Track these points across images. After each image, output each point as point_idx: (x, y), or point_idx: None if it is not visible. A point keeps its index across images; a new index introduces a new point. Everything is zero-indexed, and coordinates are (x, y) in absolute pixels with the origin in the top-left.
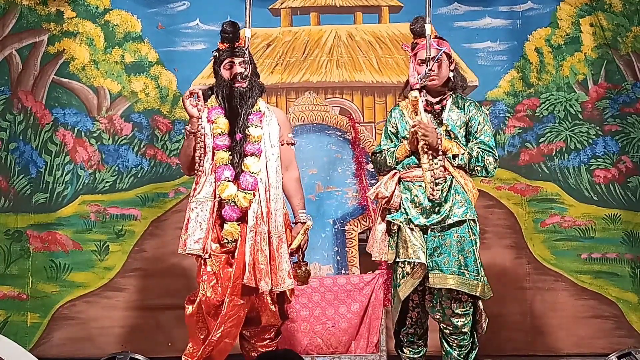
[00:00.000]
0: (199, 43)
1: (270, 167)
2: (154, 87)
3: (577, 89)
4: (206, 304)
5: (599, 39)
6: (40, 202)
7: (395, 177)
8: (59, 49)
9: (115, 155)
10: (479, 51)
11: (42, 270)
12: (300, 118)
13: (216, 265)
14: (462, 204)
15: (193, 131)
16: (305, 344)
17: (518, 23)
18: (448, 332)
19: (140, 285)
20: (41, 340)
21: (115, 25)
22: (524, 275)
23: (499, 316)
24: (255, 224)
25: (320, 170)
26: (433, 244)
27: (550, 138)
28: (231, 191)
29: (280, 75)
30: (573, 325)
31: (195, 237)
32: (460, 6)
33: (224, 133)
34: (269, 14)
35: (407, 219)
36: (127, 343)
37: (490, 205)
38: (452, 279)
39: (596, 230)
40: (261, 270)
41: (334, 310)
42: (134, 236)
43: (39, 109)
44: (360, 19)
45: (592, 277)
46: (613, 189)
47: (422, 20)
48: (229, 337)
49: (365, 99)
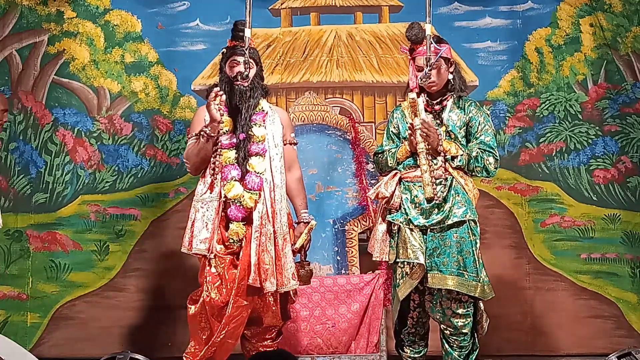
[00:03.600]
0: (199, 43)
1: (274, 167)
2: (154, 87)
3: (577, 89)
4: (210, 305)
5: (598, 39)
6: (40, 202)
7: (396, 178)
8: (59, 49)
9: (115, 155)
10: (479, 51)
11: (42, 270)
12: (300, 118)
13: (221, 267)
14: (462, 204)
15: (213, 135)
16: (305, 344)
17: (518, 23)
18: (448, 332)
19: (140, 285)
20: (41, 340)
21: (115, 25)
22: (524, 275)
23: (499, 316)
24: (260, 224)
25: (320, 170)
26: (432, 244)
27: (550, 138)
28: (237, 191)
29: (281, 76)
30: (573, 325)
31: (201, 237)
32: (460, 6)
33: (228, 131)
34: (269, 14)
35: (406, 220)
36: (127, 343)
37: (490, 205)
38: (451, 280)
39: (596, 230)
40: (266, 271)
41: (334, 310)
42: (134, 236)
43: (39, 109)
44: (360, 18)
45: (591, 277)
46: (613, 189)
47: (417, 26)
48: (232, 337)
49: (366, 99)
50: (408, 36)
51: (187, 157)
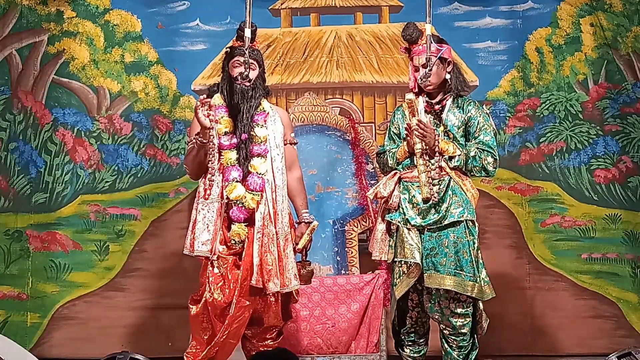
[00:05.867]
0: (199, 43)
1: (276, 168)
2: (154, 87)
3: (578, 88)
4: (213, 305)
5: (599, 38)
6: (40, 202)
7: (395, 177)
8: (59, 48)
9: (115, 155)
10: (479, 51)
11: (42, 270)
12: (300, 119)
13: (223, 267)
14: (459, 204)
15: (205, 142)
16: (305, 344)
17: (518, 23)
18: (447, 332)
19: (140, 285)
20: (41, 340)
21: (115, 25)
22: (524, 275)
23: (499, 316)
24: (262, 225)
25: (320, 171)
26: (429, 244)
27: (550, 138)
28: (239, 192)
29: (281, 76)
30: (573, 325)
31: (202, 239)
32: (460, 6)
33: (229, 132)
34: (269, 15)
35: (404, 219)
36: (127, 343)
37: (491, 205)
38: (448, 280)
39: (596, 230)
40: (269, 271)
41: (334, 310)
42: (134, 236)
43: (39, 108)
44: (360, 19)
45: (592, 277)
46: (613, 189)
47: (412, 26)
48: (234, 337)
49: (365, 99)
50: (404, 36)
51: (186, 162)
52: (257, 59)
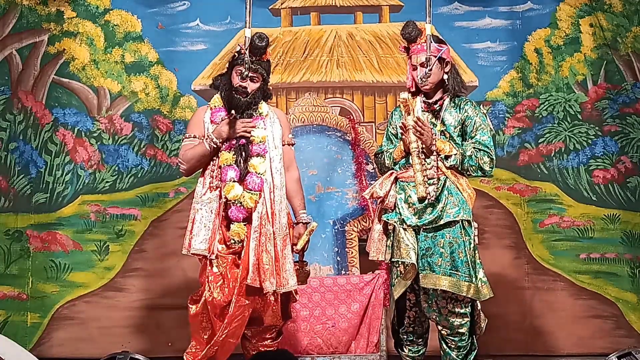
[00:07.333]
0: (199, 43)
1: (274, 168)
2: (154, 87)
3: (577, 89)
4: (212, 304)
5: (598, 39)
6: (40, 202)
7: (392, 177)
8: (59, 49)
9: (115, 155)
10: (479, 51)
11: (42, 270)
12: (300, 119)
13: (223, 267)
14: (455, 204)
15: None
16: (305, 344)
17: (518, 23)
18: (445, 333)
19: (140, 285)
20: (41, 340)
21: (116, 25)
22: (523, 275)
23: (498, 316)
24: (259, 225)
25: (320, 171)
26: (425, 244)
27: (549, 138)
28: (237, 192)
29: (281, 75)
30: (572, 325)
31: (200, 238)
32: (460, 6)
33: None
34: (269, 14)
35: (400, 219)
36: (127, 343)
37: (489, 205)
38: (443, 280)
39: (595, 230)
40: (266, 271)
41: (334, 310)
42: (134, 236)
43: (39, 109)
44: (360, 18)
45: (591, 277)
46: (612, 189)
47: (411, 24)
48: (233, 337)
49: (366, 99)
50: (403, 34)
51: (185, 159)
52: (262, 73)
